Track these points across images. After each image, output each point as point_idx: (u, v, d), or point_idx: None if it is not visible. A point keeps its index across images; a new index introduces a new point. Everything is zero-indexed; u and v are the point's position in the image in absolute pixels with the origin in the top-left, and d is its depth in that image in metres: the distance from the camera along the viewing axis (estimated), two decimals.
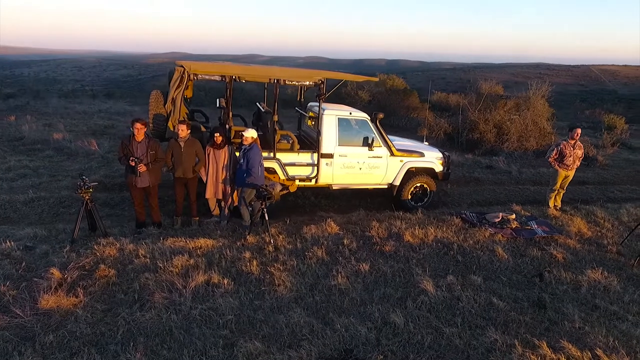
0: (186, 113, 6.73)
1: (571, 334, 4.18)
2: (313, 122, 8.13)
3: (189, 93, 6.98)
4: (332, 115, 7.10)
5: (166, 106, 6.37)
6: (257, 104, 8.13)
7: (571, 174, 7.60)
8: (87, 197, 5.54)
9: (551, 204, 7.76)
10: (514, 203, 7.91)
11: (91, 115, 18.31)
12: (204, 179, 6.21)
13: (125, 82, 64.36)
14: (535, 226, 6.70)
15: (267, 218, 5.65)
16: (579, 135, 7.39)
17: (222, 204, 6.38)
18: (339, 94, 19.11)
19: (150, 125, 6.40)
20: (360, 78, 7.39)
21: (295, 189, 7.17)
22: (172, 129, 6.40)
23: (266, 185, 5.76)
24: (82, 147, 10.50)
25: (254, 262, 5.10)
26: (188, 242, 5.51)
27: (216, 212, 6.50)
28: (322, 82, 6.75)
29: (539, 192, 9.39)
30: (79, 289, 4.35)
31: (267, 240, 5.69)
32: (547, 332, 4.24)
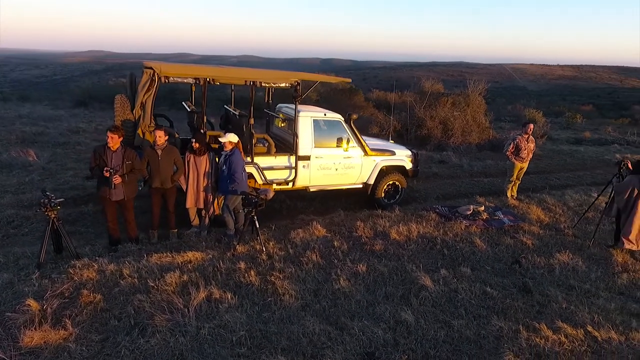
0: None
1: (561, 314, 4.56)
2: (284, 124, 8.02)
3: None
4: (307, 117, 7.04)
5: (134, 111, 5.88)
6: (225, 106, 7.81)
7: (525, 165, 8.29)
8: (53, 216, 4.96)
9: (509, 194, 8.40)
10: (477, 195, 8.45)
11: (11, 121, 16.33)
12: (184, 187, 5.84)
13: (39, 83, 58.49)
14: (502, 216, 7.20)
15: (257, 225, 5.46)
16: (532, 130, 8.08)
17: (203, 213, 6.05)
18: (287, 94, 19.00)
19: None
20: (334, 79, 7.42)
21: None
22: (141, 135, 5.94)
23: (256, 191, 5.56)
24: (16, 158, 9.34)
25: (252, 272, 4.91)
26: (175, 256, 5.15)
27: (196, 222, 6.15)
28: (298, 84, 6.67)
29: (493, 184, 10.12)
30: (66, 320, 3.88)
31: (258, 249, 5.51)
32: (539, 314, 4.59)
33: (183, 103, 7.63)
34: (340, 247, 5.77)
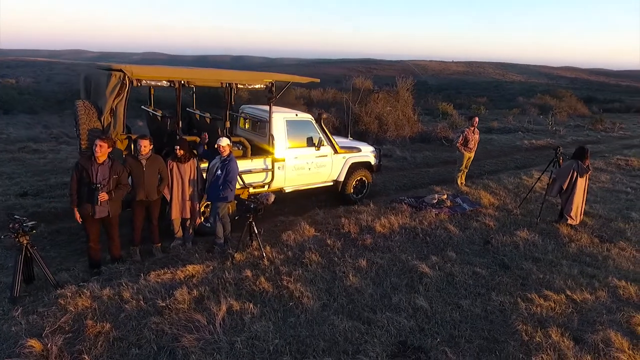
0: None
1: (542, 284, 5.23)
2: (247, 125, 7.88)
3: None
4: (280, 118, 7.00)
5: (103, 119, 5.32)
6: (188, 109, 7.39)
7: (472, 155, 9.15)
8: (26, 242, 4.34)
9: (459, 181, 9.21)
10: (432, 185, 9.13)
11: None
12: (167, 197, 5.46)
13: None
14: (462, 202, 7.90)
15: (256, 231, 5.33)
16: (477, 122, 8.95)
17: (187, 223, 5.71)
18: (218, 93, 18.46)
19: (84, 142, 5.27)
20: (305, 79, 7.43)
21: (247, 196, 6.86)
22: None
23: (254, 197, 5.41)
24: None
25: (262, 279, 4.81)
26: (174, 272, 4.82)
27: (179, 234, 5.79)
28: (273, 85, 6.60)
29: (438, 173, 10.99)
30: (83, 356, 3.46)
31: (257, 255, 5.39)
32: (525, 286, 5.20)
33: (143, 107, 7.05)
34: (334, 245, 5.88)
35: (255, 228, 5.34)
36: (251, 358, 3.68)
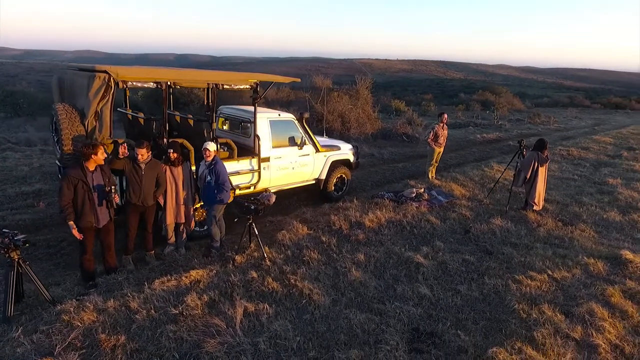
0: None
1: (525, 266, 5.68)
2: (226, 126, 7.78)
3: None
4: (264, 119, 6.98)
5: (87, 122, 5.03)
6: (168, 112, 7.12)
7: (442, 150, 9.63)
8: (17, 257, 4.04)
9: (430, 175, 9.66)
10: (407, 179, 9.50)
11: None
12: (162, 202, 5.27)
13: None
14: (437, 195, 8.32)
15: (257, 233, 5.31)
16: (446, 119, 9.44)
17: (182, 228, 5.56)
18: (174, 93, 17.85)
19: (67, 147, 4.96)
20: (288, 79, 7.43)
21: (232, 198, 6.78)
22: None
23: (254, 198, 5.36)
24: None
25: (269, 280, 4.82)
26: (179, 279, 4.70)
27: (172, 239, 5.61)
28: (258, 85, 6.57)
29: (406, 168, 11.43)
30: None
31: (257, 256, 5.37)
32: (510, 270, 5.62)
33: (120, 110, 6.70)
34: (329, 242, 5.99)
35: (255, 229, 5.32)
36: (277, 357, 3.71)
